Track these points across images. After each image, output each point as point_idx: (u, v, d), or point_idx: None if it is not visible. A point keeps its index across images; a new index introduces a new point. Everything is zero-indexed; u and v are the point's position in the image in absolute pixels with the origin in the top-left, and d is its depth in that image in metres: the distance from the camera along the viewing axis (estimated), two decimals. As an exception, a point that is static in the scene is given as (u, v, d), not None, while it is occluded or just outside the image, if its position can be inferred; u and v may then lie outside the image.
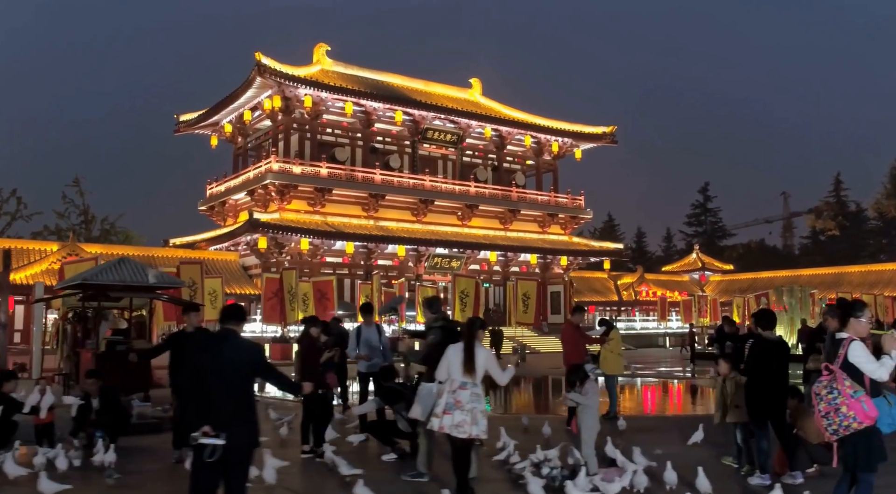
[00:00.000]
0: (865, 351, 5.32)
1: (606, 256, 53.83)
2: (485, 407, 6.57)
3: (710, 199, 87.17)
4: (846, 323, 5.56)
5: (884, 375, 5.23)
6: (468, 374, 6.51)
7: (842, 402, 5.22)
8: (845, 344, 5.42)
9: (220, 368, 4.78)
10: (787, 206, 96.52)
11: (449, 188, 47.27)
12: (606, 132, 52.97)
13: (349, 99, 43.18)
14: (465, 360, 6.53)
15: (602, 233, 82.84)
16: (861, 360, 5.29)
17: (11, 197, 50.70)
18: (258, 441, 5.01)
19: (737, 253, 77.98)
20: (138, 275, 13.35)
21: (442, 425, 6.44)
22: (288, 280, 23.37)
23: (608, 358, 12.16)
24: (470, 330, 6.83)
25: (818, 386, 5.44)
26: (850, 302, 5.77)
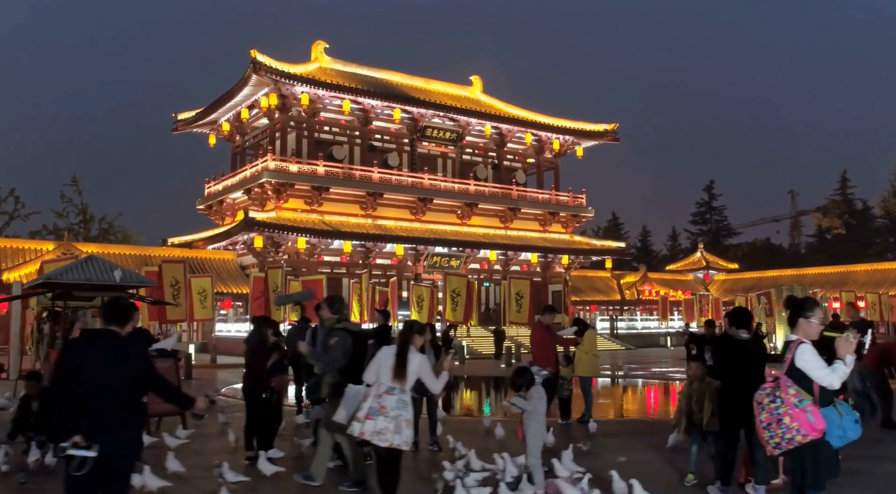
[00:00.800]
0: (815, 355, 4.84)
1: (608, 255, 53.38)
2: (411, 415, 6.16)
3: (715, 198, 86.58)
4: (795, 323, 5.06)
5: (835, 382, 4.76)
6: (398, 380, 6.13)
7: (785, 412, 4.73)
8: (793, 348, 4.92)
9: (95, 374, 4.39)
10: (795, 205, 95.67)
11: (448, 186, 46.85)
12: (608, 129, 52.44)
13: (346, 96, 42.84)
14: (395, 365, 6.14)
15: (606, 231, 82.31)
16: (810, 365, 4.80)
17: (10, 196, 50.69)
18: (138, 454, 4.62)
19: (742, 252, 77.31)
20: (105, 274, 13.00)
21: (363, 430, 6.04)
22: (273, 279, 23.00)
23: (583, 360, 11.75)
24: (405, 334, 6.43)
25: (760, 393, 4.96)
26: (800, 300, 5.21)
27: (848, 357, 4.78)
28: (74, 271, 12.77)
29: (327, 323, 7.69)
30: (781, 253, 79.43)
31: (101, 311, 4.93)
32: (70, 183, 53.77)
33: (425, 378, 6.30)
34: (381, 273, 43.73)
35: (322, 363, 7.48)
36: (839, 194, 79.07)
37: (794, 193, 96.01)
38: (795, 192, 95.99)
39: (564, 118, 51.76)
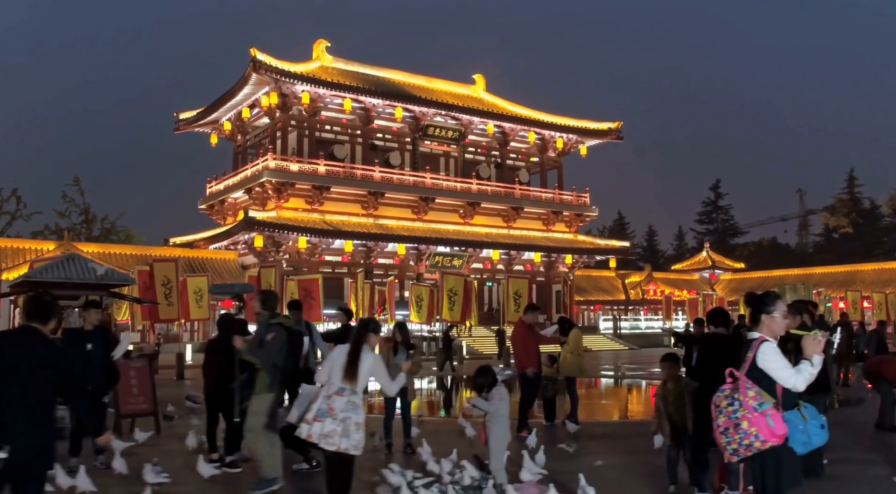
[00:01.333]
0: (778, 354, 4.50)
1: (612, 254, 53.06)
2: (362, 418, 5.86)
3: (721, 197, 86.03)
4: (757, 320, 4.72)
5: (800, 384, 4.43)
6: (348, 380, 5.83)
7: (743, 416, 4.38)
8: (754, 346, 4.56)
9: (10, 371, 4.17)
10: (803, 204, 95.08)
11: (450, 185, 46.60)
12: (612, 128, 52.08)
13: (347, 95, 42.63)
14: (347, 364, 5.84)
15: (611, 231, 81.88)
16: (773, 365, 4.45)
17: (12, 196, 50.69)
18: (50, 458, 4.39)
19: (748, 252, 76.79)
20: (86, 272, 12.80)
21: (310, 433, 5.76)
22: (266, 278, 22.84)
23: (567, 360, 11.46)
24: (359, 332, 6.14)
25: (718, 395, 4.60)
26: (760, 295, 4.87)
27: (815, 357, 4.45)
28: (54, 270, 12.59)
29: (261, 319, 7.42)
30: (788, 253, 78.86)
31: (24, 307, 4.70)
32: (72, 183, 53.84)
33: (379, 379, 6.02)
34: (383, 272, 43.55)
35: (258, 359, 7.18)
36: (846, 193, 78.49)
37: (803, 192, 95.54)
38: (804, 191, 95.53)
39: (568, 116, 51.48)
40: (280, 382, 7.19)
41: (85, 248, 39.60)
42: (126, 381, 10.18)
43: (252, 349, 7.27)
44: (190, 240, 46.08)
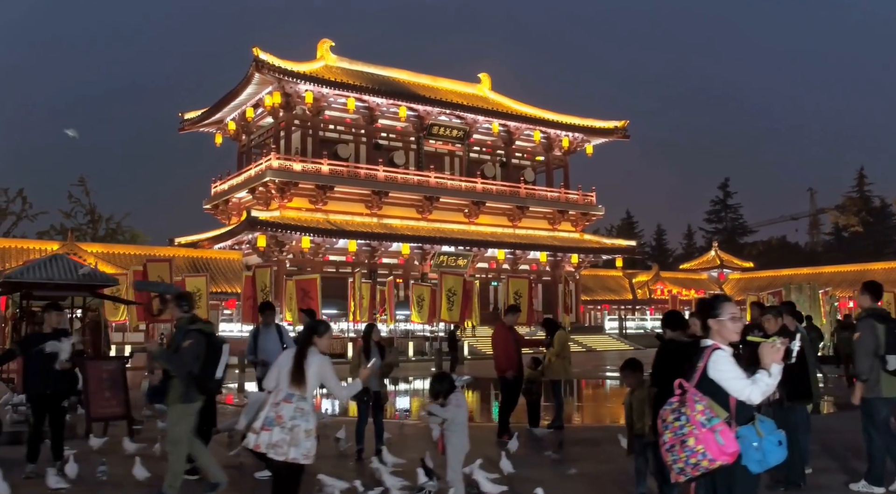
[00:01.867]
0: (731, 363, 4.11)
1: (619, 254, 52.70)
2: (312, 425, 5.57)
3: (730, 196, 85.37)
4: (707, 327, 4.33)
5: (755, 396, 4.04)
6: (295, 385, 5.55)
7: (689, 432, 3.95)
8: (705, 355, 4.17)
9: None
10: (814, 203, 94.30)
11: (455, 185, 46.39)
12: (618, 126, 51.72)
13: (350, 94, 42.49)
14: (293, 369, 5.58)
15: (619, 230, 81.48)
16: (725, 375, 4.06)
17: (18, 197, 50.82)
18: None
19: (756, 251, 76.17)
20: (69, 273, 12.65)
21: (258, 442, 5.51)
22: (261, 278, 22.65)
23: (553, 363, 11.20)
24: (306, 334, 5.86)
25: (665, 409, 4.19)
26: (709, 299, 4.45)
27: (774, 366, 4.04)
28: (36, 270, 12.42)
29: (180, 323, 6.97)
30: (797, 252, 78.19)
31: None
32: (77, 183, 53.97)
33: (329, 383, 5.70)
34: (388, 272, 43.39)
35: (173, 366, 6.78)
36: (856, 191, 77.74)
37: (813, 191, 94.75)
38: (814, 190, 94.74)
39: (574, 115, 51.17)
40: (198, 391, 6.78)
41: (89, 248, 39.65)
42: (98, 384, 10.00)
43: (167, 354, 6.88)
44: (194, 240, 46.08)
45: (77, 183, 53.84)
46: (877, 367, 7.47)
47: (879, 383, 7.49)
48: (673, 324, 6.65)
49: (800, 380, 7.19)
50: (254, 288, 22.13)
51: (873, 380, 7.52)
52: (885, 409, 7.59)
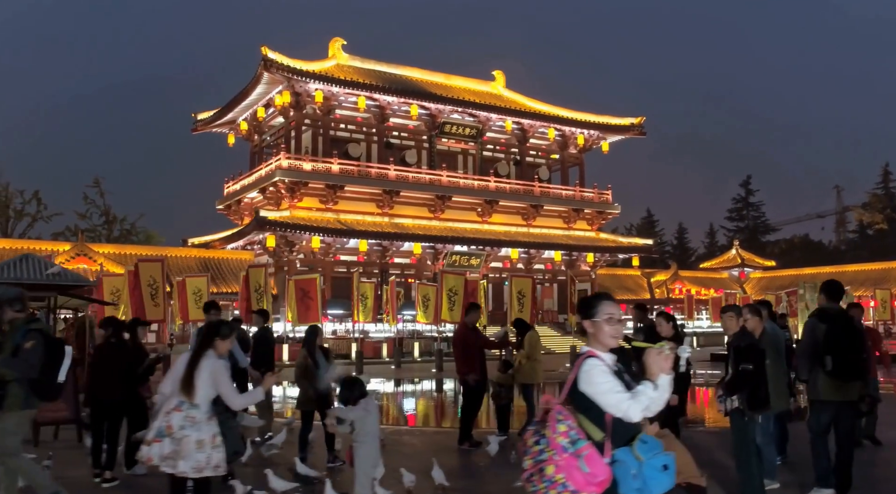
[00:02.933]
0: (606, 373, 3.49)
1: (635, 253, 51.94)
2: (206, 435, 5.15)
3: (752, 194, 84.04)
4: (583, 330, 3.75)
5: (633, 412, 3.42)
6: (184, 393, 5.17)
7: (549, 459, 3.35)
8: (578, 363, 3.58)
9: None
10: (841, 200, 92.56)
11: (467, 183, 45.94)
12: (634, 123, 50.98)
13: (361, 93, 42.22)
14: (184, 374, 5.20)
15: (640, 229, 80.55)
16: (599, 388, 3.44)
17: (33, 198, 51.16)
18: None
19: (779, 249, 74.88)
20: (38, 273, 12.42)
21: (150, 455, 5.13)
22: (255, 278, 22.43)
23: (524, 366, 10.74)
24: (204, 337, 5.44)
25: (528, 430, 3.62)
26: (587, 298, 3.83)
27: (662, 377, 3.43)
28: (4, 270, 12.22)
29: (17, 324, 6.28)
30: (821, 250, 76.73)
31: None
32: (92, 184, 54.22)
33: (222, 390, 5.26)
34: (400, 272, 43.13)
35: (15, 369, 6.06)
36: (881, 188, 76.16)
37: (840, 188, 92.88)
38: (841, 187, 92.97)
39: (590, 112, 50.53)
40: (39, 397, 6.20)
41: (100, 249, 39.75)
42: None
43: (6, 360, 6.12)
44: (207, 240, 46.11)
45: (92, 184, 54.23)
46: (817, 369, 7.15)
47: (818, 385, 7.17)
48: None
49: (759, 387, 6.71)
50: (248, 289, 21.86)
51: (813, 382, 7.22)
52: (825, 414, 7.21)
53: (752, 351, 6.74)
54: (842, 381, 7.05)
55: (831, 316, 7.20)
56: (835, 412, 7.18)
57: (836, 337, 7.04)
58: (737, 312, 7.23)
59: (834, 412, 7.18)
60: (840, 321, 7.17)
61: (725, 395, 6.87)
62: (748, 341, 6.90)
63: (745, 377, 6.63)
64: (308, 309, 24.03)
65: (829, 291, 7.44)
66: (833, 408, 7.17)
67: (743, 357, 6.69)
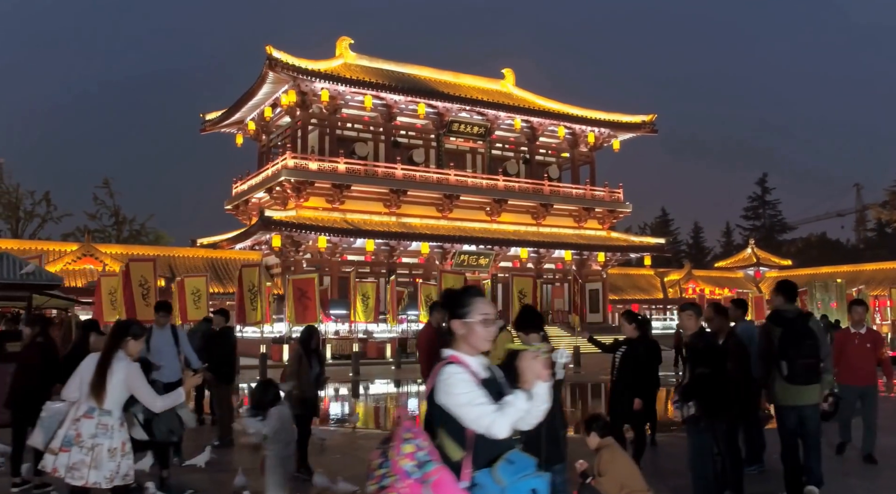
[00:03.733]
0: (467, 382, 2.99)
1: (647, 252, 51.30)
2: (118, 442, 4.79)
3: (768, 191, 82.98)
4: (452, 333, 3.23)
5: (499, 427, 2.90)
6: (95, 397, 4.82)
7: (391, 486, 2.88)
8: (436, 370, 3.12)
9: None
10: (860, 198, 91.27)
11: (476, 182, 45.49)
12: (646, 121, 50.35)
13: (368, 92, 41.91)
14: (94, 378, 4.84)
15: (654, 228, 79.73)
16: (458, 400, 2.94)
17: (43, 199, 51.25)
18: None
19: (795, 248, 73.87)
20: (11, 272, 12.14)
21: (55, 466, 4.75)
22: (249, 277, 22.13)
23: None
24: (112, 337, 5.08)
25: (375, 451, 3.08)
26: (458, 293, 3.28)
27: (539, 385, 2.94)
28: (-24, 270, 11.94)
29: None
30: (838, 249, 75.58)
31: None
32: (102, 185, 54.26)
33: (139, 393, 4.92)
34: (408, 272, 42.81)
35: None
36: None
37: (860, 186, 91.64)
38: (861, 186, 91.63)
39: (600, 109, 49.94)
40: None
41: (107, 250, 39.72)
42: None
43: None
44: (215, 240, 46.02)
45: (101, 185, 54.27)
46: (774, 373, 6.73)
47: (776, 390, 6.79)
48: (525, 326, 5.72)
49: (718, 392, 6.25)
50: (242, 288, 21.57)
51: (770, 387, 6.88)
52: (787, 418, 6.78)
53: (711, 353, 6.29)
54: (798, 386, 6.60)
55: (788, 319, 6.73)
56: (798, 416, 6.74)
57: (791, 342, 6.58)
58: (696, 311, 6.81)
59: (797, 416, 6.74)
60: (797, 324, 6.70)
61: (681, 401, 6.43)
62: (706, 342, 6.46)
63: (701, 381, 6.19)
64: (306, 309, 23.73)
65: (786, 292, 6.96)
66: (795, 413, 6.72)
67: (700, 359, 6.25)
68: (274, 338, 31.93)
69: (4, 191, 49.62)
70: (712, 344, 6.54)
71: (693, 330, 6.59)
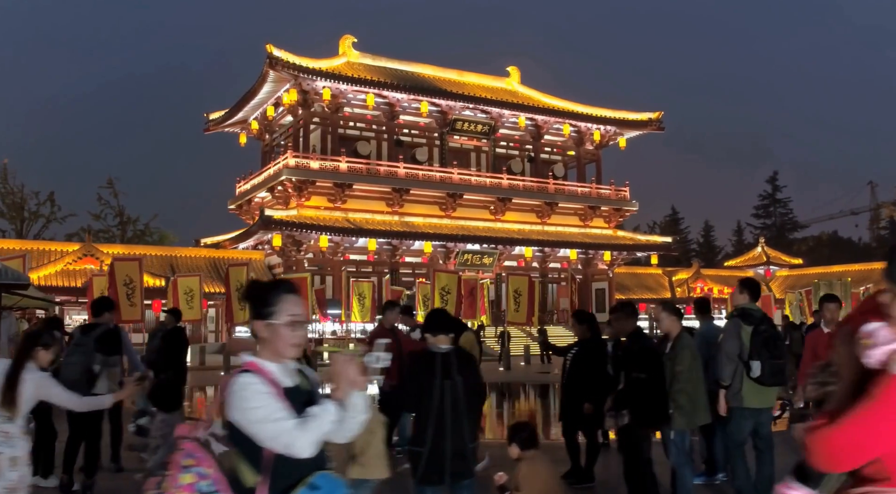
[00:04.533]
0: (264, 395, 2.55)
1: (653, 251, 50.73)
2: (20, 451, 4.58)
3: (779, 189, 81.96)
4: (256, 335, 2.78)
5: (303, 446, 2.50)
6: (5, 406, 4.62)
7: None
8: (226, 381, 2.68)
9: None
10: (875, 196, 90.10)
11: (479, 181, 45.14)
12: (652, 118, 49.82)
13: (369, 90, 41.66)
14: (4, 386, 4.65)
15: (664, 227, 79.02)
16: (251, 415, 2.52)
17: (48, 200, 51.29)
18: None
19: (806, 247, 72.95)
20: (-22, 273, 11.96)
21: None
22: (236, 276, 21.89)
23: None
24: (23, 346, 4.93)
25: (150, 479, 2.69)
26: (263, 288, 2.80)
27: (352, 395, 2.53)
28: (-61, 270, 11.75)
29: None
30: (850, 247, 74.64)
31: None
32: (106, 185, 54.22)
33: (56, 398, 4.86)
34: (411, 271, 42.54)
35: None
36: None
37: (874, 184, 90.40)
38: (875, 183, 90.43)
39: (606, 107, 49.47)
40: None
41: (109, 250, 39.62)
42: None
43: None
44: (218, 240, 45.96)
45: (106, 185, 54.24)
46: (740, 373, 6.33)
47: (741, 391, 6.35)
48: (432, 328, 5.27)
49: (651, 400, 5.88)
50: (229, 288, 21.38)
51: (735, 388, 6.39)
52: (746, 422, 6.40)
53: (647, 356, 5.90)
54: (766, 387, 6.27)
55: (757, 318, 6.40)
56: (756, 419, 6.41)
57: (764, 341, 6.23)
58: (628, 312, 6.46)
59: (755, 419, 6.40)
60: (766, 323, 6.38)
61: (615, 409, 6.07)
62: (642, 345, 6.09)
63: (636, 387, 5.82)
64: (298, 309, 23.42)
65: (751, 290, 6.64)
66: (754, 417, 6.39)
67: (636, 364, 5.88)
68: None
69: (9, 191, 49.76)
70: (650, 347, 6.20)
71: (628, 331, 6.26)
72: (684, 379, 6.02)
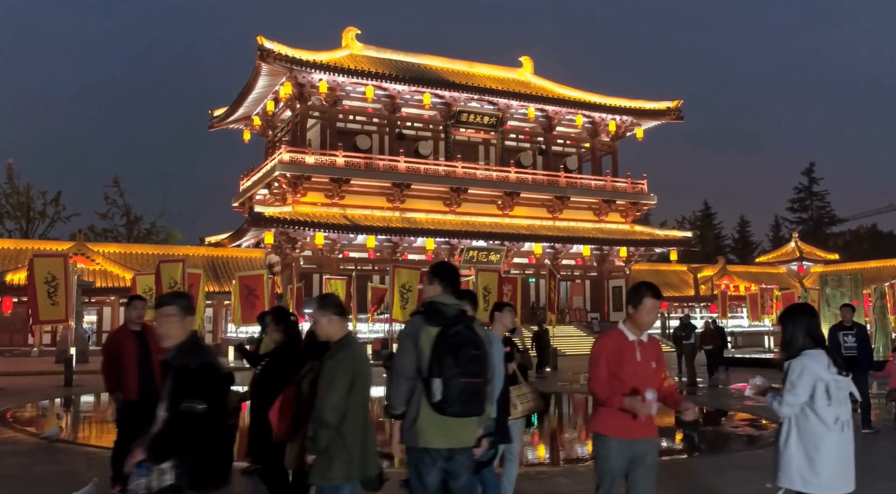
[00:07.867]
0: None
1: (672, 246, 48.37)
2: None
3: (815, 182, 78.32)
4: None
5: None
6: None
7: None
8: None
9: None
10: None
11: (485, 175, 43.39)
12: (671, 107, 47.48)
13: (368, 82, 40.26)
14: None
15: (695, 222, 76.03)
16: None
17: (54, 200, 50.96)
18: None
19: (843, 242, 69.49)
20: None
21: None
22: (168, 273, 20.59)
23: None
24: None
25: None
26: None
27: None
28: None
29: None
30: (891, 242, 70.83)
31: None
32: (112, 184, 53.82)
33: None
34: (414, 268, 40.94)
35: None
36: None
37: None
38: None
39: (622, 97, 47.29)
40: None
41: (101, 249, 39.06)
42: None
43: None
44: (218, 239, 45.13)
45: (112, 184, 53.85)
46: (418, 397, 4.24)
47: (417, 423, 4.22)
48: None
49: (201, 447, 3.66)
50: (160, 286, 20.04)
51: (410, 418, 4.26)
52: (429, 470, 4.26)
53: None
54: (452, 418, 4.19)
55: (450, 316, 4.35)
56: (443, 469, 4.43)
57: (448, 350, 4.14)
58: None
59: (441, 469, 4.41)
60: (459, 324, 4.35)
61: (149, 461, 3.64)
62: (201, 361, 3.85)
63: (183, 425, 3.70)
64: (253, 308, 22.15)
65: (445, 277, 4.48)
66: (441, 462, 4.44)
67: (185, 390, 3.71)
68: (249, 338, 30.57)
69: (14, 191, 49.57)
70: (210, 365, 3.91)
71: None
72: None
